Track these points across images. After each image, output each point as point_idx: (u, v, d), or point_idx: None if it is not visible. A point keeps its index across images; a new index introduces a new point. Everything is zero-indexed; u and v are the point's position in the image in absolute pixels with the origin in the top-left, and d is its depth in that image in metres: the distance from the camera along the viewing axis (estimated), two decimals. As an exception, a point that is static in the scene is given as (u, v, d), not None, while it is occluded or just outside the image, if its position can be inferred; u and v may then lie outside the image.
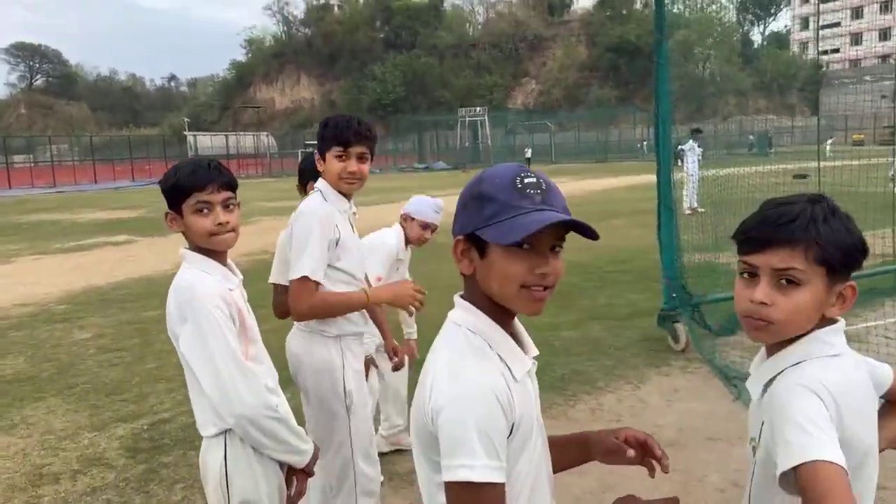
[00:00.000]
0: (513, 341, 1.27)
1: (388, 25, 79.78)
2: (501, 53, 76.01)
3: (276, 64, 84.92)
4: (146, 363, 6.22)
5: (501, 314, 1.26)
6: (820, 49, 75.73)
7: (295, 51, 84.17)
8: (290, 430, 2.05)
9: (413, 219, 3.74)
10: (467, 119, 56.60)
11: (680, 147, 17.03)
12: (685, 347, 5.77)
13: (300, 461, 2.11)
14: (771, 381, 1.34)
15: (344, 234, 2.62)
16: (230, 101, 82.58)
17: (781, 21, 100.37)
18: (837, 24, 75.17)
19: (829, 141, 39.63)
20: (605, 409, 4.69)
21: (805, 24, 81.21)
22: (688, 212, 15.45)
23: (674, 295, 5.87)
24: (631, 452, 1.38)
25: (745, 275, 1.33)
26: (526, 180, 1.20)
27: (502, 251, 1.19)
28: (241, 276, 2.17)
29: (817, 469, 1.14)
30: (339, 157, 2.59)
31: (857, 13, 73.44)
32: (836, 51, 74.81)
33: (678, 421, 4.39)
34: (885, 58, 68.83)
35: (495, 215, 1.19)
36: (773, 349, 1.38)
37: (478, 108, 58.02)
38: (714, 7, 71.89)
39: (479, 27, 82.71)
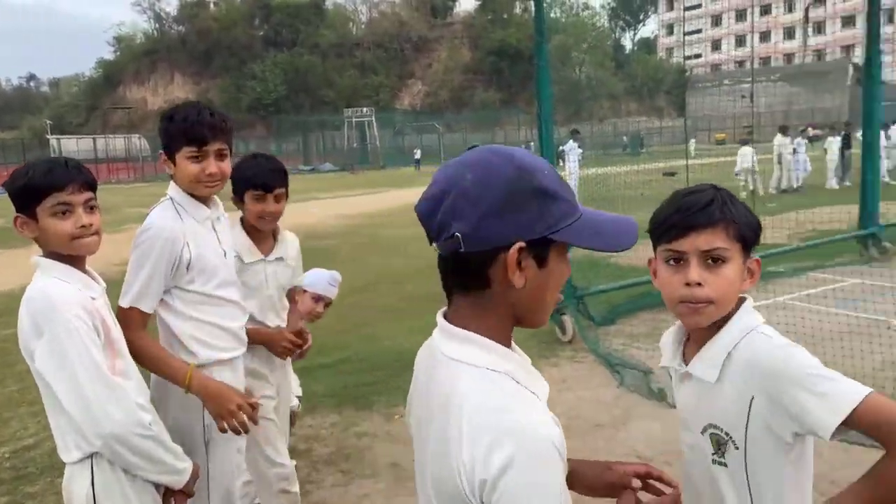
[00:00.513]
0: (531, 366, 1.12)
1: (267, 23, 77.60)
2: (386, 54, 75.91)
3: (148, 62, 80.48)
4: (6, 385, 5.69)
5: (510, 335, 1.10)
6: (685, 54, 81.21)
7: (168, 48, 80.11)
8: (165, 449, 1.91)
9: (305, 291, 3.21)
10: (354, 120, 56.07)
11: (561, 148, 17.71)
12: (572, 338, 5.96)
13: (178, 481, 1.96)
14: (724, 361, 1.39)
15: (198, 251, 2.22)
16: (98, 101, 77.42)
17: (649, 27, 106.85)
18: (699, 31, 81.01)
19: (692, 141, 42.58)
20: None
21: (670, 30, 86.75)
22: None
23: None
24: (638, 483, 1.26)
25: (672, 262, 1.39)
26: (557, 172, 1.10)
27: (564, 257, 1.10)
28: (103, 284, 2.00)
29: (871, 402, 1.22)
30: (194, 157, 2.20)
31: (716, 21, 79.39)
32: (699, 56, 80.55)
33: (567, 410, 4.52)
34: (741, 63, 74.74)
35: (568, 215, 1.05)
36: (703, 335, 1.43)
37: (364, 109, 57.62)
38: (587, 13, 75.31)
39: (363, 26, 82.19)
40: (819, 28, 67.79)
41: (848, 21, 66.67)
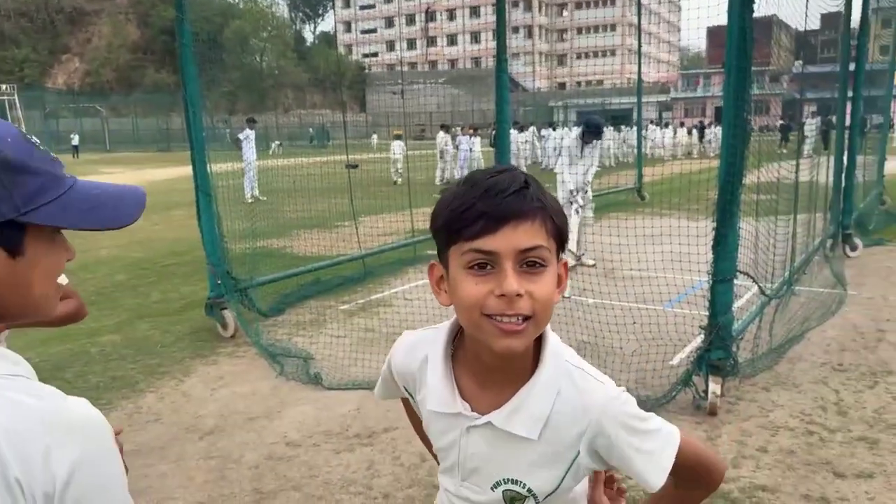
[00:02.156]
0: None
1: None
2: (32, 24, 65.47)
3: None
4: None
5: None
6: (363, 52, 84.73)
7: None
8: None
9: None
10: (-10, 98, 47.32)
11: (237, 136, 17.15)
12: (234, 333, 5.77)
13: None
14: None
15: None
16: None
17: (329, 22, 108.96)
18: (374, 31, 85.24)
19: (374, 136, 44.92)
20: (144, 410, 4.38)
21: (348, 27, 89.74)
22: (250, 200, 15.69)
23: (219, 282, 5.81)
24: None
25: (476, 267, 1.00)
26: (32, 138, 0.92)
27: (53, 242, 0.93)
28: None
29: (682, 450, 1.11)
30: None
31: (389, 23, 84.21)
32: (375, 54, 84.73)
33: (220, 408, 4.35)
34: (413, 65, 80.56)
35: (45, 190, 0.89)
36: (490, 366, 1.10)
37: (4, 87, 48.98)
38: (266, 1, 73.76)
39: (0, -10, 69.66)
40: (475, 38, 76.22)
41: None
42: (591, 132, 7.89)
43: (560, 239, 1.05)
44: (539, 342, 1.10)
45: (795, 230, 6.05)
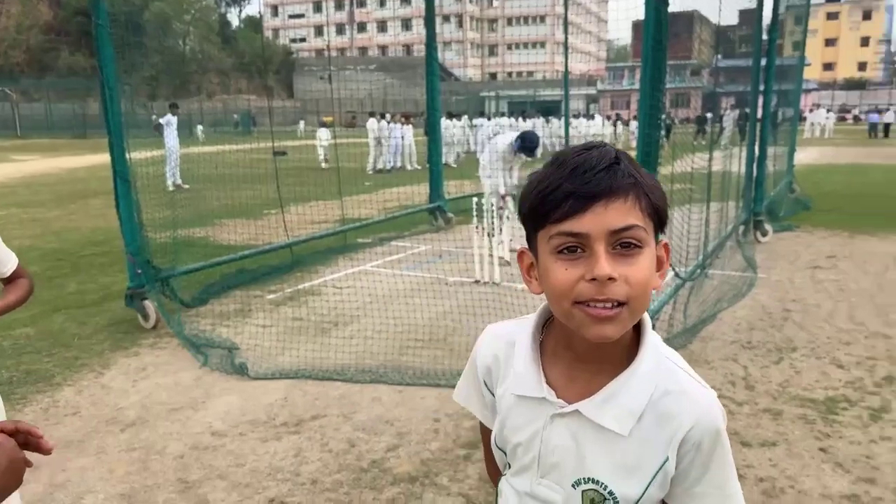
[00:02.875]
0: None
1: None
2: (-69, 1, 61.08)
3: None
4: None
5: None
6: (290, 37, 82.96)
7: None
8: None
9: None
10: None
11: (159, 122, 16.56)
12: (156, 324, 5.61)
13: None
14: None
15: None
16: None
17: (255, 6, 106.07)
18: (302, 16, 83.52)
19: (301, 122, 44.24)
20: (62, 404, 4.22)
21: (275, 11, 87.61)
22: (172, 188, 15.21)
23: (139, 272, 5.63)
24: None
25: (565, 251, 0.95)
26: None
27: None
28: None
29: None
30: None
31: (317, 7, 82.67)
32: (304, 40, 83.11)
33: (142, 399, 4.24)
34: (343, 51, 79.48)
35: None
36: (584, 353, 1.03)
37: None
38: (189, -17, 71.26)
39: None
40: (406, 25, 75.83)
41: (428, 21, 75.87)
42: (526, 149, 7.87)
43: (658, 218, 0.98)
44: (637, 334, 1.04)
45: (709, 217, 6.34)
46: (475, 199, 6.92)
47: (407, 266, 7.85)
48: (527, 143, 7.81)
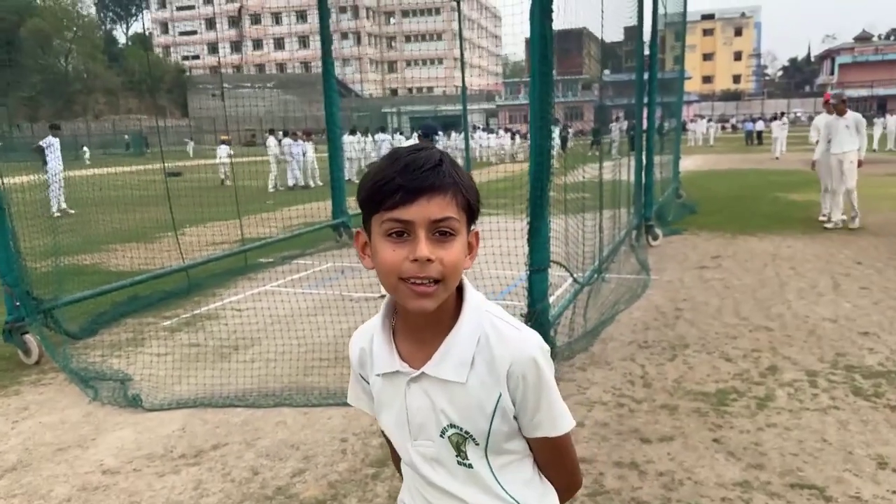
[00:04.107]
0: None
1: None
2: None
3: None
4: None
5: None
6: (182, 54, 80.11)
7: None
8: None
9: None
10: None
11: (39, 145, 15.56)
12: (39, 359, 5.23)
13: None
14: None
15: None
16: None
17: (144, 23, 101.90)
18: (195, 33, 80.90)
19: (191, 143, 42.88)
20: (-72, 453, 3.84)
21: (165, 28, 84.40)
22: (57, 214, 14.31)
23: (18, 304, 5.23)
24: None
25: (394, 234, 1.12)
26: None
27: None
28: None
29: (569, 435, 1.26)
30: None
31: (210, 24, 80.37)
32: (197, 57, 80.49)
33: (24, 441, 3.93)
34: (238, 68, 77.49)
35: None
36: (421, 324, 1.21)
37: None
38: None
39: None
40: (304, 42, 74.91)
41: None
42: (427, 136, 7.97)
43: (470, 211, 1.17)
44: (461, 299, 1.21)
45: (603, 223, 6.60)
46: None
47: (310, 284, 7.70)
48: (427, 131, 7.96)
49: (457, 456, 1.24)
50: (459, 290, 1.21)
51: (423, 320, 1.19)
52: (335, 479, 3.37)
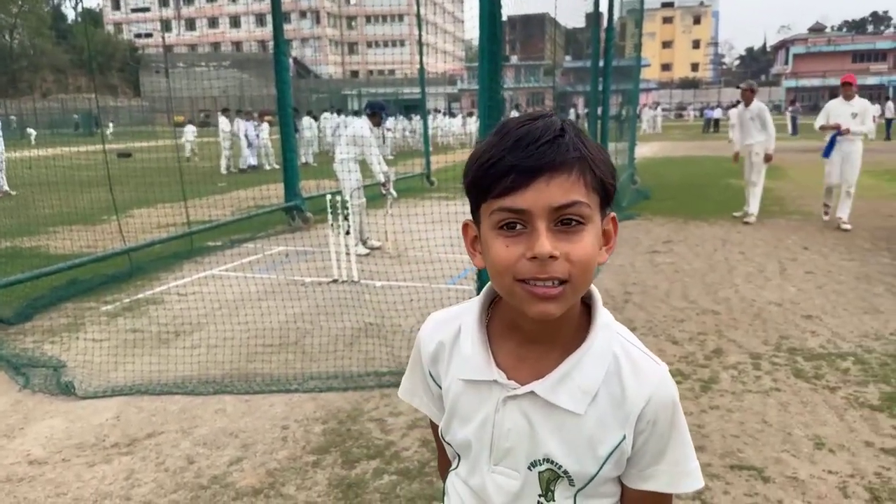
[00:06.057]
0: None
1: None
2: None
3: None
4: None
5: None
6: (135, 31, 77.65)
7: None
8: None
9: None
10: None
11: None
12: (-33, 346, 4.99)
13: None
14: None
15: None
16: None
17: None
18: (147, 10, 78.49)
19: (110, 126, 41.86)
20: None
21: (117, 5, 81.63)
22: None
23: (-57, 288, 4.98)
24: None
25: (505, 227, 0.90)
26: None
27: None
28: None
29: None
30: None
31: (164, 1, 78.05)
32: (150, 35, 78.16)
33: (-56, 432, 3.74)
34: (193, 46, 75.53)
35: None
36: (533, 333, 0.99)
37: None
38: (15, -26, 65.38)
39: None
40: (261, 20, 73.27)
41: (285, 16, 74.00)
42: (375, 114, 7.86)
43: (604, 192, 0.93)
44: (589, 311, 1.01)
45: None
46: (328, 197, 6.75)
47: (259, 268, 7.53)
48: (375, 109, 7.85)
49: (540, 495, 1.02)
50: (584, 299, 0.99)
51: (537, 329, 0.98)
52: (274, 468, 3.28)
